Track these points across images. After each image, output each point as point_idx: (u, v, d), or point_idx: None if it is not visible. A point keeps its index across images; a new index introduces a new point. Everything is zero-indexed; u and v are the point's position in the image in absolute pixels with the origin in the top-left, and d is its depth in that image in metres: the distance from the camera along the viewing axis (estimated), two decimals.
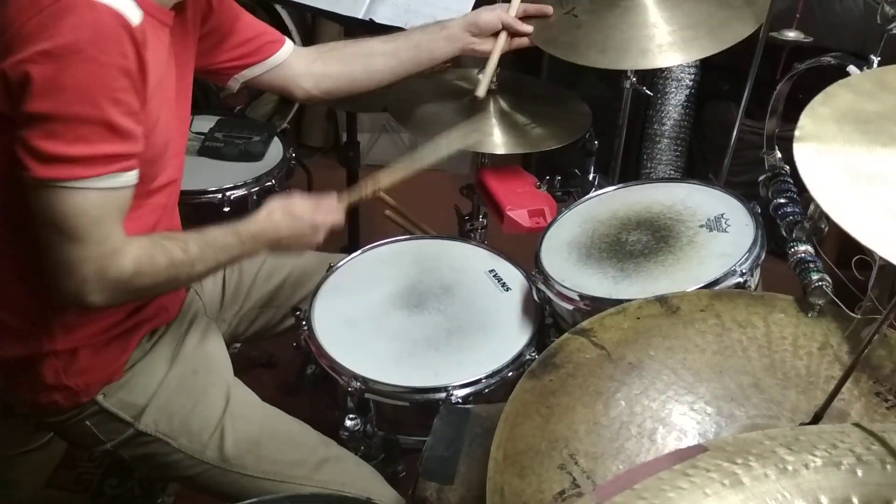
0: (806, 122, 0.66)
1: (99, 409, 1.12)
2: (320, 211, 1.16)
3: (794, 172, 1.13)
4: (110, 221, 0.92)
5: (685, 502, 0.57)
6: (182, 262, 1.01)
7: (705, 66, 2.54)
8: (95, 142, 0.88)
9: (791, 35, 1.35)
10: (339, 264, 1.41)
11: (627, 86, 1.49)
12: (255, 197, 1.66)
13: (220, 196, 1.61)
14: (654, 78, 2.50)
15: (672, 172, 2.62)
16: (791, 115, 1.15)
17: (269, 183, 1.67)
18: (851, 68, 0.94)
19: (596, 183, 1.52)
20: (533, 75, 2.37)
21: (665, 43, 1.27)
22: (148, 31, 0.93)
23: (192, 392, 1.17)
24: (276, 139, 1.80)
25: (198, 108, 2.54)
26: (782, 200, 1.07)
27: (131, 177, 0.94)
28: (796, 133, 0.65)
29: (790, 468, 0.59)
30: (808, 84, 1.10)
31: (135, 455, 1.16)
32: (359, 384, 1.17)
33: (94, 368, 1.09)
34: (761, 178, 1.13)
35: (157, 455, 1.15)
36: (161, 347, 1.17)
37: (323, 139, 3.00)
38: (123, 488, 1.83)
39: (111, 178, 0.90)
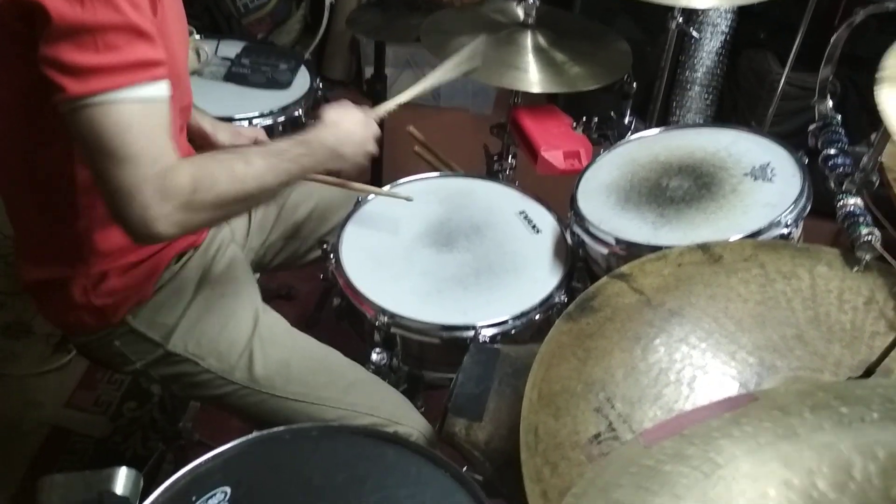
0: (891, 62, 0.63)
1: (128, 330, 1.12)
2: (368, 119, 1.15)
3: (845, 122, 1.11)
4: (159, 138, 0.88)
5: (737, 450, 0.56)
6: (247, 174, 0.95)
7: (742, 13, 2.46)
8: (124, 48, 0.84)
9: None
10: (367, 198, 1.39)
11: (673, 26, 1.44)
12: (280, 128, 1.63)
13: (245, 124, 1.58)
14: (689, 22, 2.42)
15: (701, 121, 2.56)
16: (813, 66, 1.11)
17: (296, 113, 1.64)
18: None
19: (632, 127, 1.49)
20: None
21: None
22: None
23: (220, 314, 1.16)
24: (303, 68, 1.76)
25: (220, 33, 2.51)
26: (833, 151, 1.03)
27: (165, 87, 0.90)
28: (878, 74, 0.62)
29: (846, 421, 0.58)
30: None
31: (164, 374, 1.17)
32: (386, 319, 1.17)
33: (123, 289, 1.09)
34: (811, 127, 1.09)
35: (186, 375, 1.15)
36: (189, 270, 1.17)
37: (345, 72, 2.94)
38: (142, 411, 1.86)
39: (148, 87, 0.86)
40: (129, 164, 0.85)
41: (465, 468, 0.90)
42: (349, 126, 1.10)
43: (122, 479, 0.81)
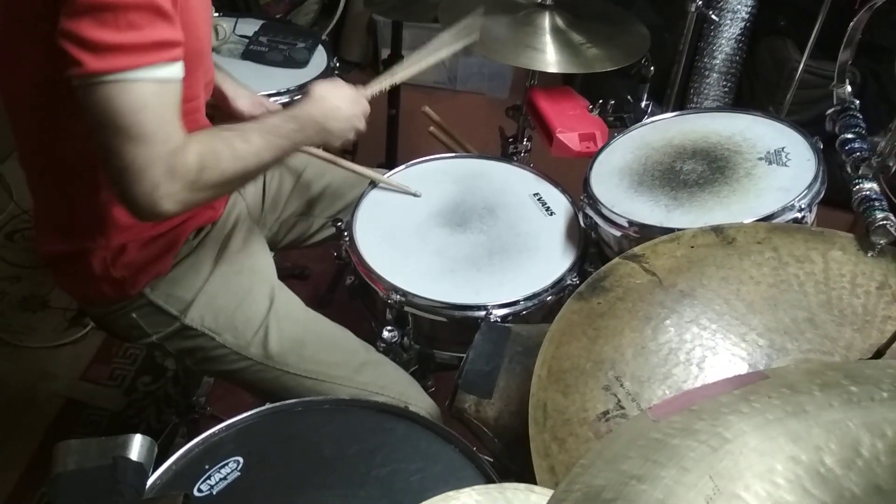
0: None
1: (146, 302, 1.13)
2: (358, 96, 1.17)
3: (863, 108, 1.10)
4: (172, 117, 0.89)
5: (746, 426, 0.57)
6: (246, 152, 0.97)
7: (762, 0, 2.43)
8: (145, 27, 0.85)
9: None
10: (382, 178, 1.39)
11: (693, 9, 1.42)
12: None
13: None
14: (709, 8, 2.40)
15: None
16: (834, 54, 1.10)
17: None
18: None
19: (649, 111, 1.48)
20: None
21: None
22: None
23: (237, 290, 1.17)
24: (320, 47, 1.76)
25: (238, 11, 2.51)
26: (850, 136, 1.03)
27: (180, 68, 0.90)
28: None
29: (855, 399, 0.58)
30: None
31: (179, 348, 1.18)
32: (399, 297, 1.17)
33: (142, 262, 1.10)
34: (829, 111, 1.08)
35: (201, 349, 1.16)
36: (207, 246, 1.18)
37: (362, 54, 2.94)
38: (156, 386, 1.88)
39: (165, 68, 0.87)
40: (142, 142, 0.86)
41: (474, 447, 0.90)
42: (336, 102, 1.11)
43: (137, 446, 0.82)
